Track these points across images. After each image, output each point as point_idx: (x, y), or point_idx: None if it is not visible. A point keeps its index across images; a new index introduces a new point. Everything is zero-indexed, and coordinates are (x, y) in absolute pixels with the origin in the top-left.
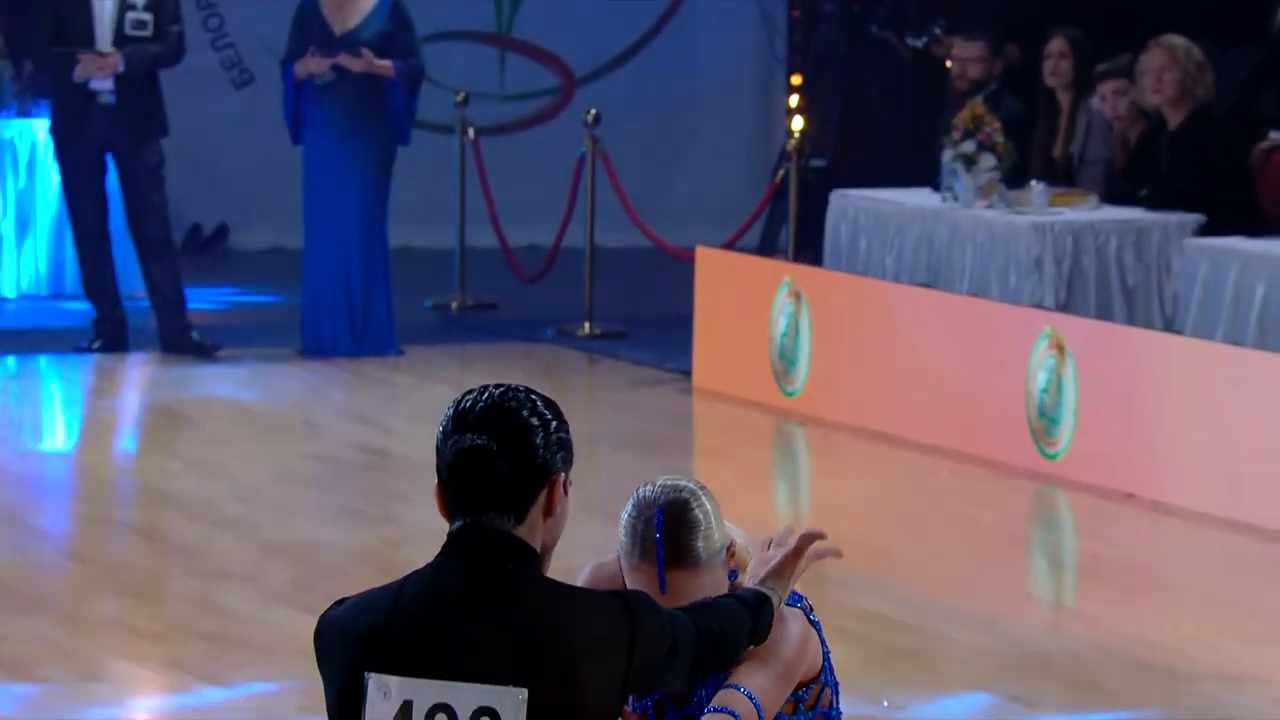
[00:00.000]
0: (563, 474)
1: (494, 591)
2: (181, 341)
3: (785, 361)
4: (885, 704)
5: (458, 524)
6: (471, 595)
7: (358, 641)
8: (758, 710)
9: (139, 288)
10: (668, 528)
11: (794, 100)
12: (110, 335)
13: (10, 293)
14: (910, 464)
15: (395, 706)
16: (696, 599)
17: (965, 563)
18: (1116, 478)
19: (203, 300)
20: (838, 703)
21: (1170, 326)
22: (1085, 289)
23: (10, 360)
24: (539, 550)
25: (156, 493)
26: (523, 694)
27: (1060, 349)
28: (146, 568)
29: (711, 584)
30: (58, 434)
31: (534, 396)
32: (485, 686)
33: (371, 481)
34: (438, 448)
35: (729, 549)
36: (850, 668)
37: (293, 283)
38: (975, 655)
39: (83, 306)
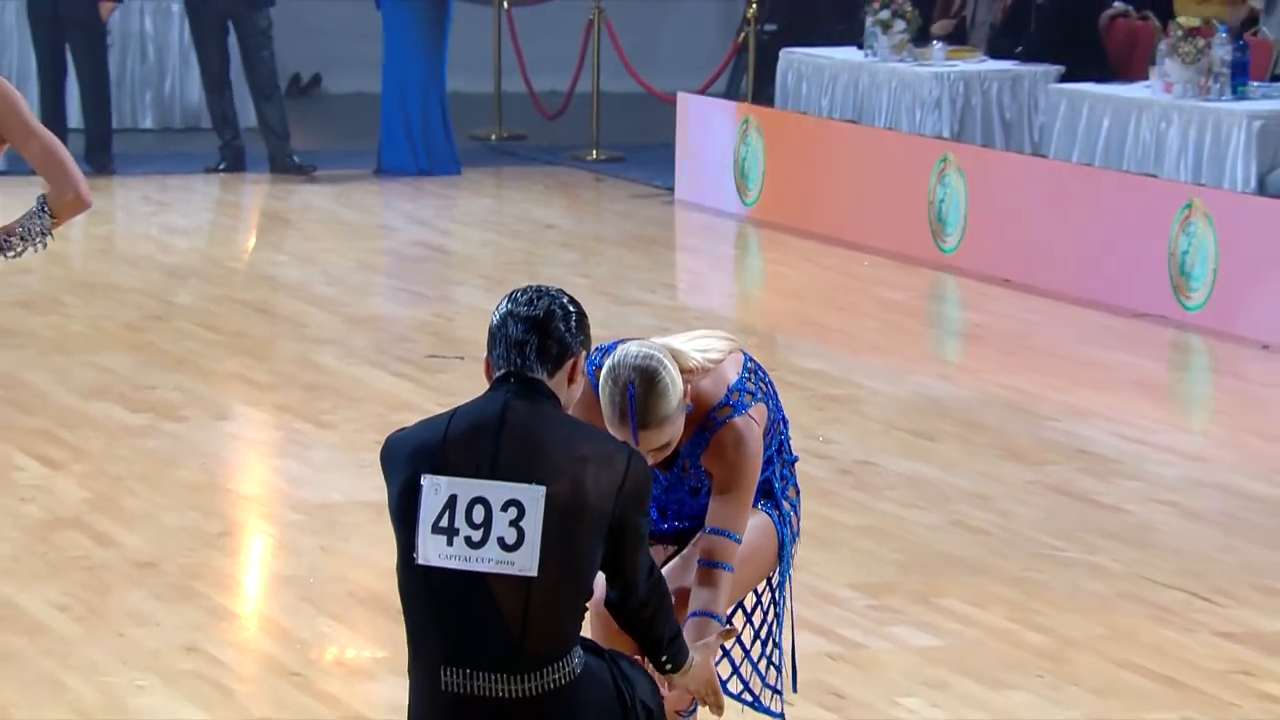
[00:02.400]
0: (582, 354)
1: (525, 416)
2: (286, 164)
3: (745, 180)
4: (820, 439)
5: (501, 371)
6: (507, 418)
7: (416, 452)
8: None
9: (253, 123)
10: (639, 401)
11: None
12: (232, 159)
13: (151, 124)
14: (839, 257)
15: (443, 500)
16: (661, 441)
17: (880, 331)
18: (997, 267)
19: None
20: (789, 439)
21: (1038, 151)
22: (973, 123)
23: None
24: (558, 402)
25: (267, 277)
26: (541, 490)
27: (956, 168)
28: (260, 334)
29: (674, 430)
30: (194, 234)
31: (565, 297)
32: (513, 484)
33: (431, 270)
34: (491, 329)
35: (684, 394)
36: (793, 412)
37: (371, 118)
38: (887, 400)
39: (209, 135)
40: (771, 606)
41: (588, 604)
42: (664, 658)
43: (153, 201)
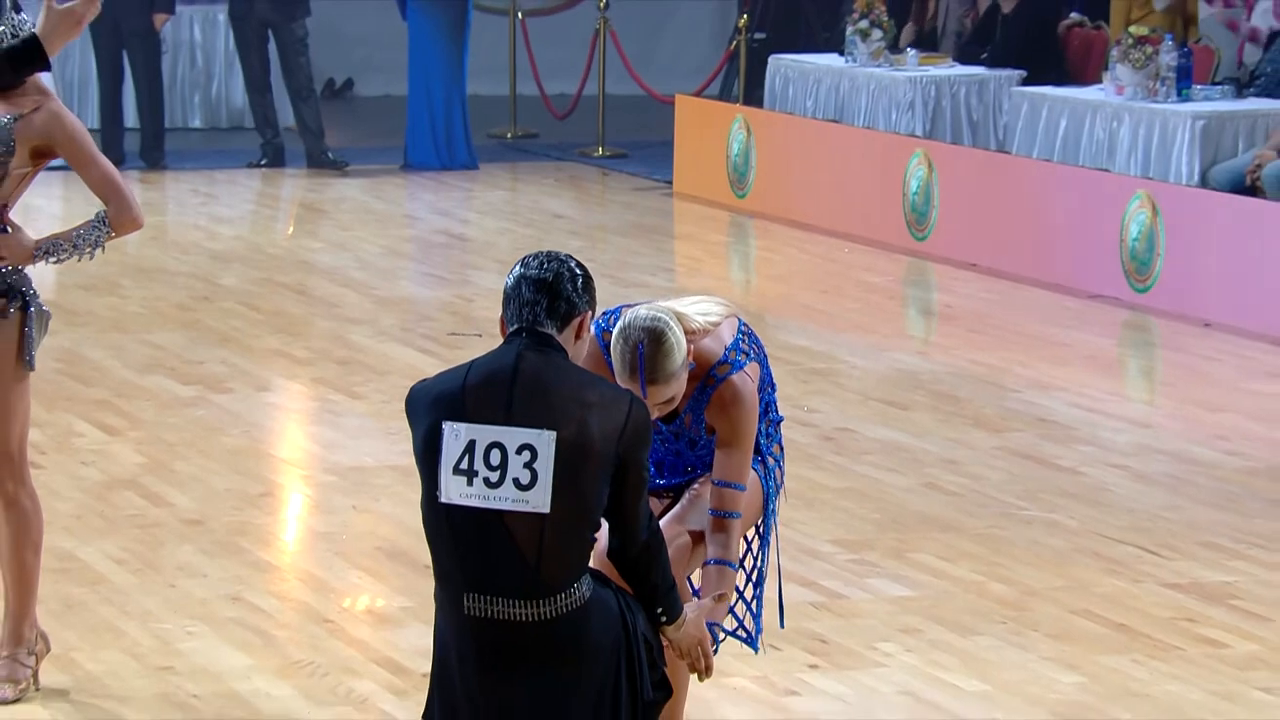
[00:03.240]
0: (588, 314)
1: (536, 366)
2: (321, 159)
3: (738, 174)
4: (805, 408)
5: (514, 327)
6: (520, 367)
7: (437, 400)
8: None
9: (291, 122)
10: (648, 358)
11: None
12: (272, 155)
13: (199, 123)
14: (822, 245)
15: (463, 444)
16: (667, 396)
17: (860, 311)
18: (967, 252)
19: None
20: (775, 401)
21: (1002, 148)
22: (944, 123)
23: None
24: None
25: (304, 262)
26: (552, 435)
27: (929, 163)
28: (297, 314)
29: (678, 385)
30: (238, 223)
31: (572, 261)
32: (526, 429)
33: (452, 256)
34: (505, 290)
35: (687, 353)
36: (780, 384)
37: (398, 118)
38: (866, 373)
39: (250, 133)
40: (762, 552)
41: (596, 536)
42: (659, 609)
43: (201, 194)
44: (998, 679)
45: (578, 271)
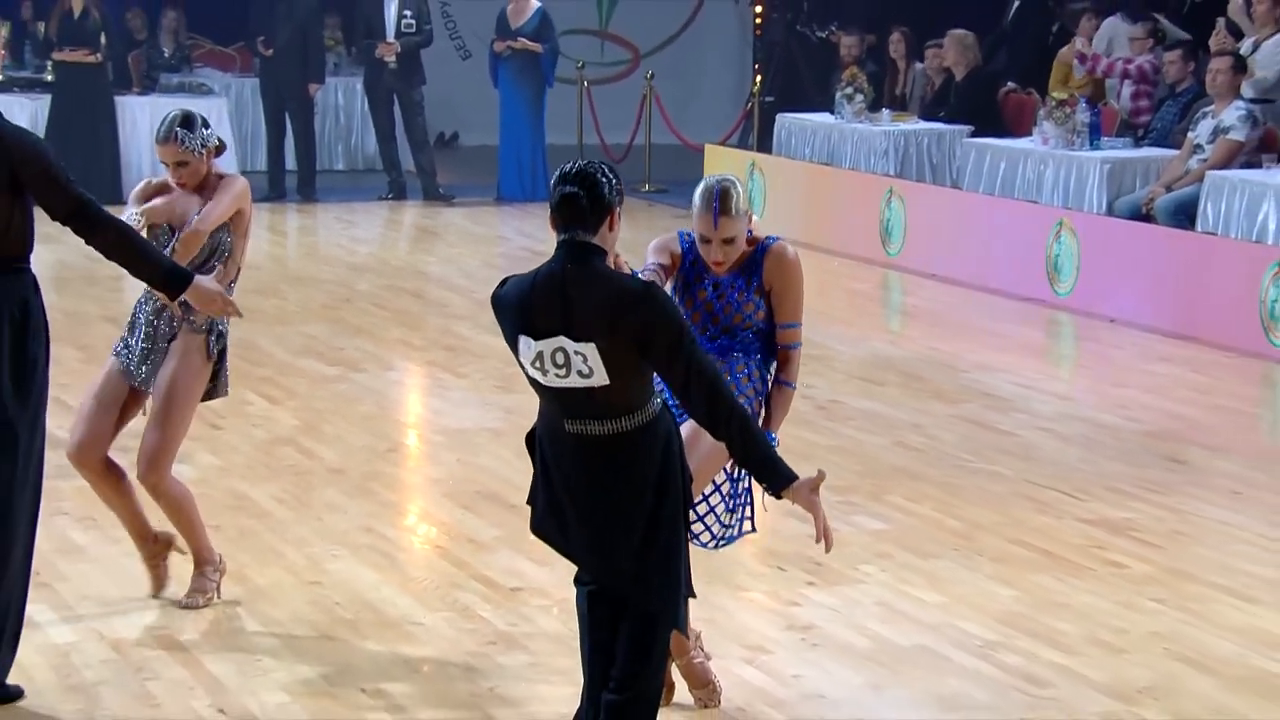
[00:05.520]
0: (618, 208)
1: (578, 280)
2: (433, 194)
3: (752, 205)
4: (804, 385)
5: (561, 238)
6: (570, 278)
7: (512, 312)
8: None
9: (411, 166)
10: (721, 195)
11: (756, 65)
12: (397, 191)
13: (342, 166)
14: (818, 259)
15: (534, 353)
16: (733, 233)
17: (846, 310)
18: (930, 264)
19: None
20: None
21: (955, 185)
22: (910, 166)
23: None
24: (605, 251)
25: (419, 272)
26: (593, 345)
27: (899, 197)
28: (415, 312)
29: (738, 230)
30: (370, 242)
31: (605, 164)
32: (577, 342)
33: (533, 266)
34: (551, 199)
35: (747, 217)
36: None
37: (492, 162)
38: (850, 359)
39: (380, 174)
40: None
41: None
42: (755, 478)
43: (343, 220)
44: (952, 593)
45: (607, 177)
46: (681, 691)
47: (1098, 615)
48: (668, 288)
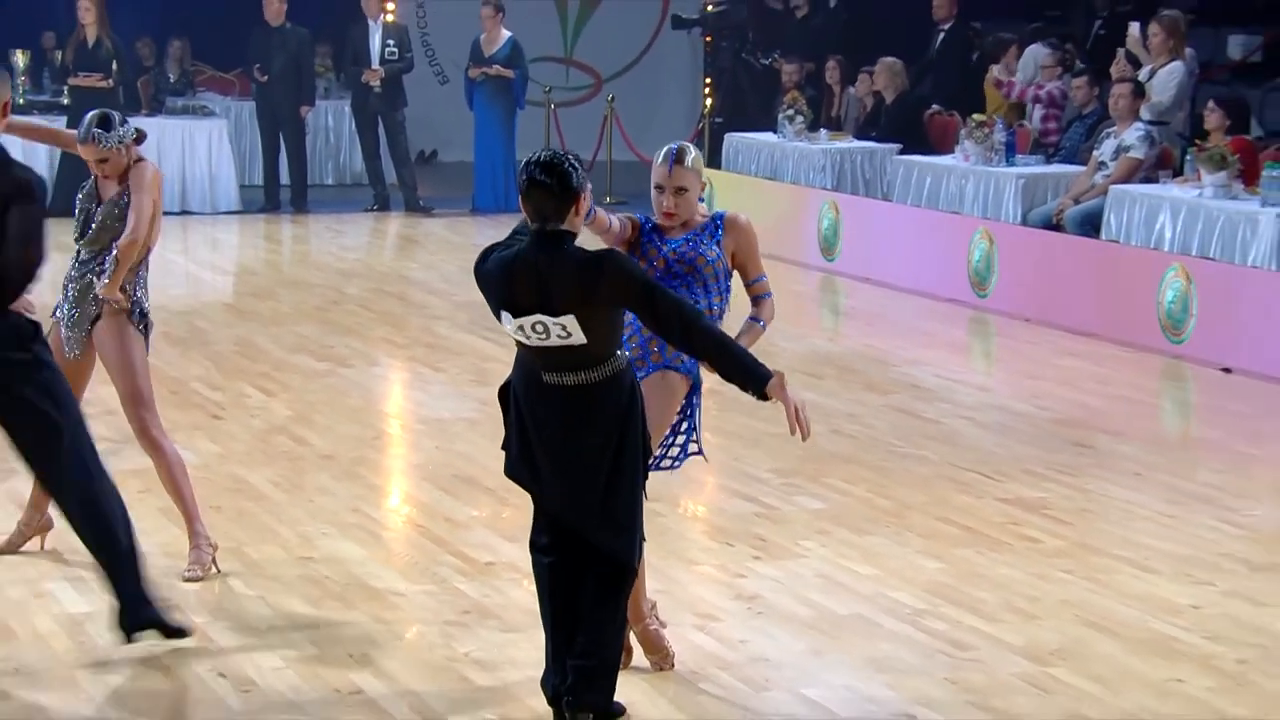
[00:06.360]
0: (585, 193)
1: (554, 260)
2: (414, 205)
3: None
4: None
5: (535, 227)
6: (543, 265)
7: (493, 286)
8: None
9: (394, 180)
10: (679, 150)
11: (707, 89)
12: (381, 203)
13: (331, 181)
14: (769, 267)
15: (515, 325)
16: (684, 184)
17: (789, 310)
18: (865, 269)
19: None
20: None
21: (886, 198)
22: (846, 181)
23: (330, 215)
24: (574, 233)
25: (402, 277)
26: (571, 316)
27: (836, 209)
28: (398, 313)
29: (691, 184)
30: (358, 249)
31: (570, 155)
32: (553, 317)
33: None
34: (520, 186)
35: (701, 184)
36: None
37: (468, 177)
38: (792, 354)
39: (366, 188)
40: (694, 410)
41: (623, 326)
42: (739, 385)
43: (332, 230)
44: (884, 566)
45: (573, 166)
46: (639, 657)
47: (1014, 585)
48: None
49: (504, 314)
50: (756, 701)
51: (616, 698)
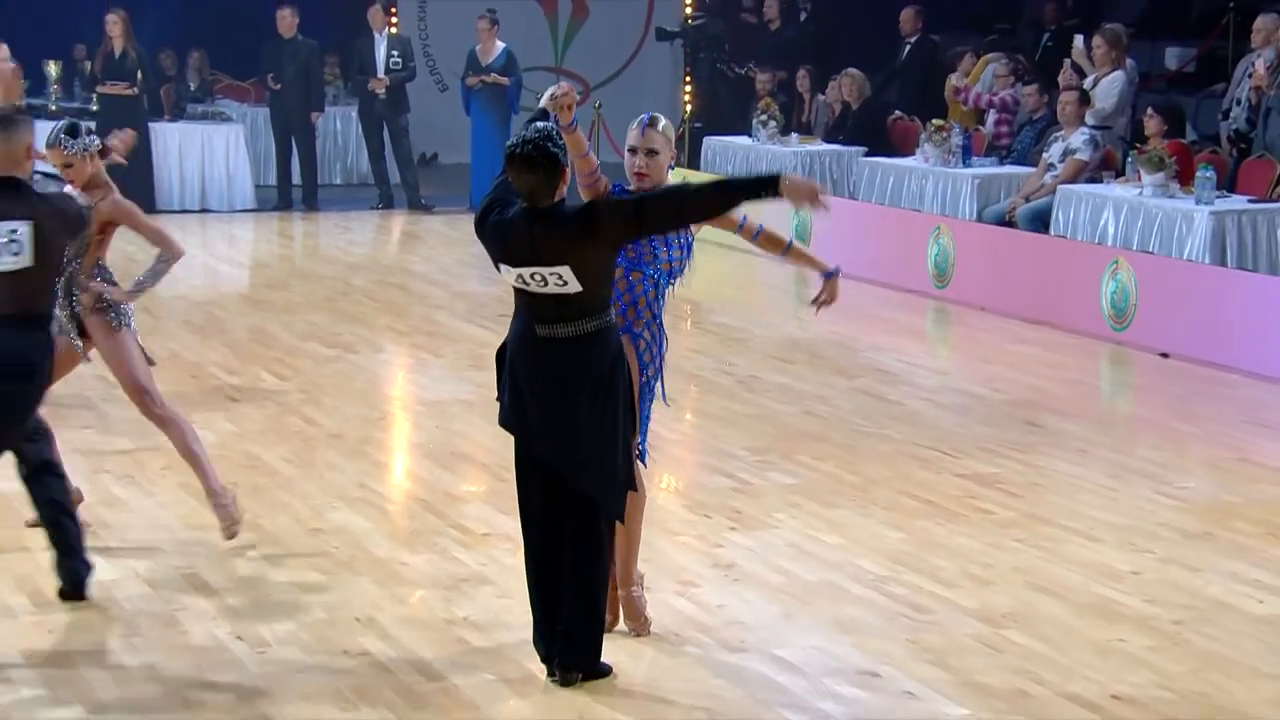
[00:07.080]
0: (566, 167)
1: (548, 220)
2: (416, 204)
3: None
4: (728, 363)
5: (524, 204)
6: (539, 227)
7: (492, 240)
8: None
9: (397, 180)
10: (651, 117)
11: (687, 96)
12: (386, 201)
13: (339, 181)
14: (739, 260)
15: (514, 275)
16: (655, 146)
17: (764, 300)
18: (832, 261)
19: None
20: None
21: (853, 197)
22: (816, 180)
23: (338, 212)
24: (562, 200)
25: (405, 270)
26: (565, 266)
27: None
28: (401, 302)
29: (661, 144)
30: (364, 244)
31: (550, 135)
32: (548, 267)
33: None
34: (506, 154)
35: (672, 153)
36: (710, 347)
37: (466, 177)
38: (766, 340)
39: (372, 188)
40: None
41: (614, 280)
42: (749, 198)
43: (340, 226)
44: (851, 536)
45: (558, 145)
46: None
47: (970, 553)
48: None
49: (503, 265)
50: (733, 660)
51: (603, 659)
